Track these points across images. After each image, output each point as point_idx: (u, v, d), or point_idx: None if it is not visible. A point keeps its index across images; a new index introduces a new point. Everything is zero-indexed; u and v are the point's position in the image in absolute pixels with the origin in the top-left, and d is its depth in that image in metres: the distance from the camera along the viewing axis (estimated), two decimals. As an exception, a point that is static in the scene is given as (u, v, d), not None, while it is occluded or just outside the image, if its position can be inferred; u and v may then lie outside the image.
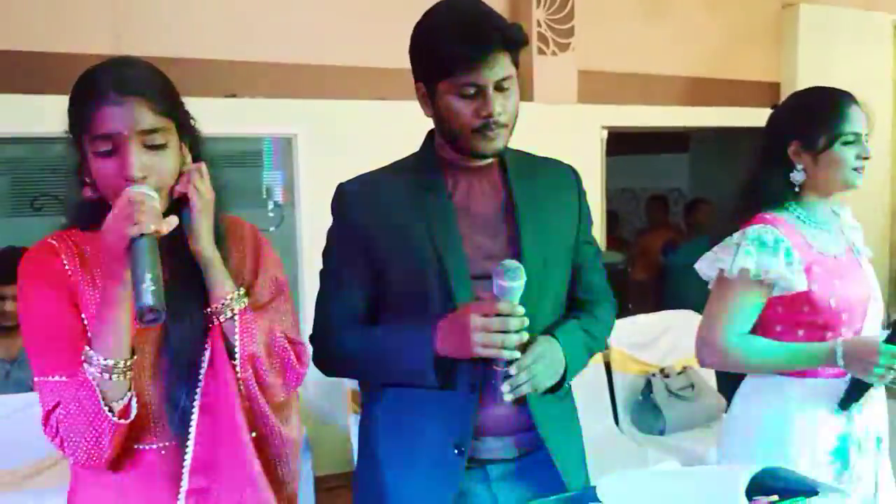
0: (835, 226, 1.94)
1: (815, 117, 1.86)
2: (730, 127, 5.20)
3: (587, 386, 3.39)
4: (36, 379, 1.25)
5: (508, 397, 1.44)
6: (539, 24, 4.47)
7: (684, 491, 1.08)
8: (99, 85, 1.23)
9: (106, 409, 1.19)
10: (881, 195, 5.69)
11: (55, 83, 3.38)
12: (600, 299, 1.72)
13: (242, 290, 1.33)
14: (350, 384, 3.22)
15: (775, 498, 1.03)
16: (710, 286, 1.93)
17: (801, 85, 1.95)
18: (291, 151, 3.87)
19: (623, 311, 3.80)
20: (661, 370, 3.63)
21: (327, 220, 1.64)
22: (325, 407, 3.72)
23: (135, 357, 1.23)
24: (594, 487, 1.14)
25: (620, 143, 5.04)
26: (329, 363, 1.63)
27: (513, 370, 1.43)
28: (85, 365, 1.20)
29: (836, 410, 1.81)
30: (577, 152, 4.05)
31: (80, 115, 1.24)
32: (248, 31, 3.86)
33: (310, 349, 1.52)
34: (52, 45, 3.46)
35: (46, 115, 3.15)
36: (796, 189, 1.88)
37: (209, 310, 1.30)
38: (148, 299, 1.12)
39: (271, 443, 1.36)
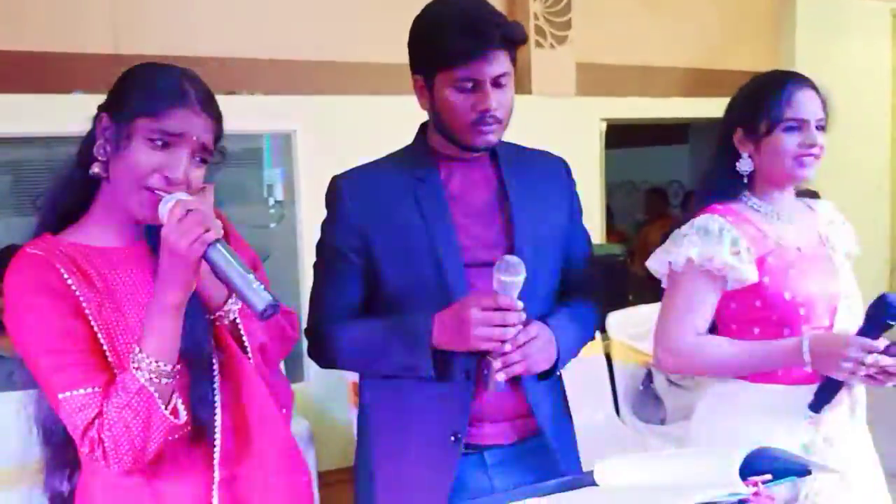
0: (806, 219, 1.82)
1: (757, 101, 1.73)
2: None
3: (588, 376, 3.41)
4: (60, 396, 1.21)
5: (501, 376, 1.46)
6: (536, 17, 4.48)
7: (680, 472, 1.10)
8: (182, 86, 1.28)
9: (166, 412, 1.21)
10: (881, 186, 5.71)
11: (55, 83, 3.41)
12: (590, 288, 1.74)
13: None
14: (353, 378, 3.24)
15: (769, 477, 1.04)
16: (663, 285, 1.81)
17: (800, 75, 1.88)
18: (291, 148, 3.89)
19: (623, 303, 3.82)
20: (662, 360, 3.64)
21: (327, 216, 1.66)
22: (328, 401, 3.74)
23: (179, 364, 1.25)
24: (592, 471, 1.16)
25: (619, 135, 5.05)
26: (325, 356, 1.64)
27: (507, 347, 1.45)
28: (136, 371, 1.20)
29: (805, 415, 1.68)
30: (576, 145, 4.07)
31: (151, 101, 1.26)
32: (246, 29, 3.87)
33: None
34: (51, 45, 3.47)
35: (47, 114, 3.19)
36: (745, 180, 1.77)
37: (213, 315, 1.34)
38: (267, 295, 1.19)
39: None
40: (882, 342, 1.58)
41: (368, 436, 1.68)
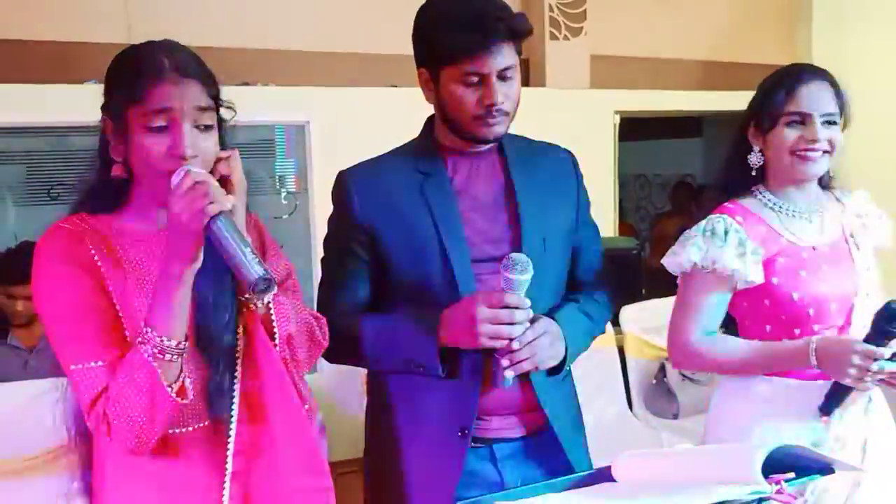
0: (830, 213, 1.79)
1: (765, 95, 1.75)
2: (743, 111, 5.16)
3: (600, 370, 3.39)
4: (72, 367, 1.21)
5: (509, 373, 1.46)
6: (551, 9, 4.45)
7: (700, 469, 1.09)
8: (157, 61, 1.25)
9: (168, 388, 1.19)
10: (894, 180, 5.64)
11: (68, 73, 3.41)
12: (598, 282, 1.73)
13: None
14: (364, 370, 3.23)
15: (791, 475, 1.03)
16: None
17: (816, 67, 1.85)
18: (304, 139, 3.88)
19: (636, 296, 3.80)
20: (675, 354, 3.62)
21: (340, 208, 1.64)
22: (340, 393, 3.73)
23: (188, 341, 1.23)
24: (609, 467, 1.15)
25: (633, 128, 5.02)
26: (332, 352, 1.60)
27: (515, 345, 1.44)
28: (142, 346, 1.19)
29: (815, 414, 1.66)
30: (590, 137, 4.03)
31: (132, 87, 1.24)
32: (259, 19, 3.86)
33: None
34: (64, 35, 3.47)
35: (60, 104, 3.19)
36: (753, 173, 1.76)
37: (246, 296, 1.31)
38: (259, 269, 1.16)
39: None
40: (888, 350, 1.55)
41: (376, 429, 1.68)
